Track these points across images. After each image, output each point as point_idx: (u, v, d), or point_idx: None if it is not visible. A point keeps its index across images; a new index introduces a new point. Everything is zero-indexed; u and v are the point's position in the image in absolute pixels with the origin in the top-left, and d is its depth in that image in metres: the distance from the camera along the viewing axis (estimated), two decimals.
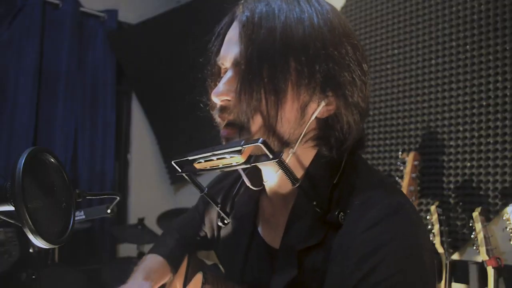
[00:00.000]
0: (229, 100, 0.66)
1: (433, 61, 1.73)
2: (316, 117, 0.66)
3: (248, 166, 0.61)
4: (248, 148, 0.59)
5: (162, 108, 3.19)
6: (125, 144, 3.31)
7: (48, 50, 2.78)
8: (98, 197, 0.73)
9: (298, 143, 0.66)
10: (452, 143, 1.65)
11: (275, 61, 0.62)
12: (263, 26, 0.63)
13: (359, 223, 0.61)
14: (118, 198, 0.79)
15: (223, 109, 0.67)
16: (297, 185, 0.61)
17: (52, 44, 2.79)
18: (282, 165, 0.59)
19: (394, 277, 0.56)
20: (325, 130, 0.68)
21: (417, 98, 1.78)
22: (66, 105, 2.84)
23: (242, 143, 0.58)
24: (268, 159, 0.58)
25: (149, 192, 3.24)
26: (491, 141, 1.54)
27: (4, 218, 0.52)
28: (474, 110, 1.60)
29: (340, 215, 0.63)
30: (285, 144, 0.66)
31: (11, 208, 0.49)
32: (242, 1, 0.69)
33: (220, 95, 0.66)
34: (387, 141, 1.88)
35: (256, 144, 0.56)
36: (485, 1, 1.59)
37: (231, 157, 0.60)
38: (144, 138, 3.33)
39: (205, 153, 0.62)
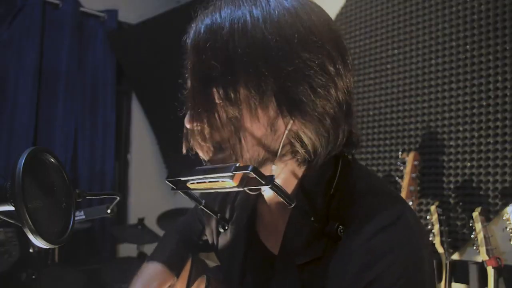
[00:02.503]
0: (202, 126, 0.64)
1: (433, 61, 1.73)
2: (291, 130, 0.62)
3: (241, 189, 0.59)
4: (239, 174, 0.58)
5: (162, 108, 3.18)
6: (125, 144, 3.31)
7: (48, 50, 2.78)
8: (98, 197, 0.73)
9: (278, 156, 0.64)
10: (452, 143, 1.65)
11: (222, 86, 0.59)
12: (205, 48, 0.60)
13: (358, 235, 0.60)
14: (118, 198, 0.79)
15: (199, 133, 0.66)
16: (293, 205, 0.60)
17: (52, 44, 2.79)
18: (276, 188, 0.58)
19: (395, 287, 0.56)
20: (293, 146, 0.64)
21: (417, 98, 1.78)
22: (66, 105, 2.84)
23: (233, 169, 0.56)
24: (261, 184, 0.57)
25: (149, 192, 3.24)
26: (491, 141, 1.54)
27: (4, 218, 0.52)
28: (474, 110, 1.60)
29: (339, 229, 0.61)
30: (265, 160, 0.64)
31: (11, 208, 0.49)
32: (191, 24, 0.66)
33: (188, 122, 0.65)
34: (387, 141, 1.88)
35: (247, 172, 0.55)
36: (485, 1, 1.59)
37: (223, 181, 0.59)
38: (144, 138, 3.33)
39: (197, 175, 0.61)
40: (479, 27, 1.60)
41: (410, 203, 1.61)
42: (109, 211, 0.83)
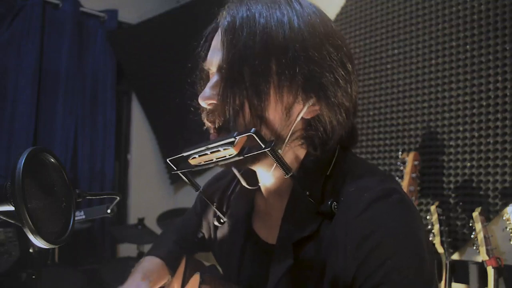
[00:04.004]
0: (216, 104, 0.68)
1: (433, 61, 1.73)
2: (302, 117, 0.68)
3: (241, 157, 0.62)
4: (241, 140, 0.61)
5: (162, 108, 3.19)
6: (125, 144, 3.31)
7: (48, 50, 2.78)
8: (98, 197, 0.73)
9: (286, 142, 0.68)
10: (452, 143, 1.65)
11: (256, 65, 0.64)
12: (243, 31, 0.65)
13: (351, 210, 0.63)
14: (118, 198, 0.79)
15: (210, 112, 0.69)
16: (290, 174, 0.62)
17: (52, 44, 2.79)
18: (274, 154, 0.60)
19: (392, 259, 0.57)
20: (309, 130, 0.69)
21: (417, 98, 1.78)
22: (66, 105, 2.84)
23: (235, 134, 0.60)
24: (261, 148, 0.59)
25: (149, 192, 3.24)
26: (491, 141, 1.54)
27: (4, 218, 0.52)
28: (474, 110, 1.60)
29: (333, 205, 0.64)
30: (276, 142, 0.67)
31: (11, 208, 0.49)
32: (225, 7, 0.71)
33: (206, 99, 0.68)
34: (387, 141, 1.88)
35: (249, 134, 0.58)
36: (485, 1, 1.59)
37: (224, 149, 0.61)
38: (144, 138, 3.33)
39: (199, 147, 0.64)
40: (479, 27, 1.60)
41: None
42: (109, 211, 0.83)
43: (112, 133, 3.07)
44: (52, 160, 0.56)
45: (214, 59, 0.69)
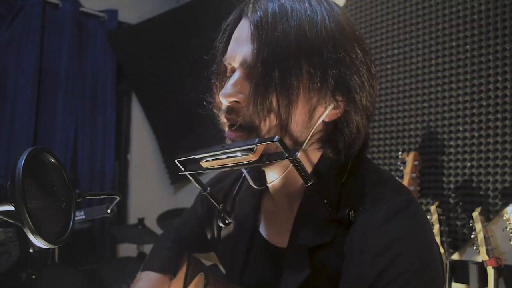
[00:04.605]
0: (237, 102, 0.64)
1: (433, 61, 1.73)
2: (323, 120, 0.66)
3: (261, 164, 0.59)
4: (261, 147, 0.58)
5: (162, 108, 3.19)
6: (125, 144, 3.31)
7: (48, 50, 2.78)
8: (98, 197, 0.73)
9: (305, 145, 0.66)
10: (452, 143, 1.65)
11: (288, 64, 0.61)
12: (277, 27, 0.62)
13: (371, 220, 0.62)
14: (118, 198, 0.79)
15: (230, 110, 0.65)
16: (310, 184, 0.60)
17: (52, 44, 2.79)
18: (297, 163, 0.58)
19: (411, 271, 0.58)
20: (333, 133, 0.68)
21: (417, 98, 1.78)
22: (66, 105, 2.84)
23: (257, 141, 0.57)
24: (283, 157, 0.57)
25: (149, 192, 3.24)
26: (491, 141, 1.54)
27: (4, 218, 0.52)
28: (474, 110, 1.60)
29: (350, 213, 0.63)
30: (294, 146, 0.66)
31: (11, 208, 0.49)
32: None
33: (229, 96, 0.64)
34: (387, 141, 1.88)
35: (272, 142, 0.55)
36: (485, 1, 1.59)
37: (242, 155, 0.58)
38: (144, 138, 3.33)
39: (214, 151, 0.60)
40: (479, 27, 1.60)
41: None
42: (109, 211, 0.83)
43: (112, 133, 3.08)
44: (52, 160, 0.56)
45: (237, 54, 0.65)
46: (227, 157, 0.60)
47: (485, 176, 1.55)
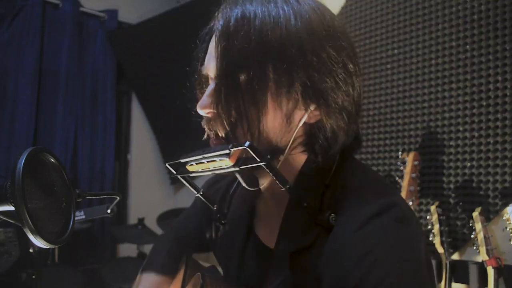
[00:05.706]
0: (214, 113, 0.65)
1: (433, 61, 1.73)
2: (305, 123, 0.65)
3: (237, 169, 0.60)
4: (236, 151, 0.59)
5: (162, 108, 3.19)
6: (125, 144, 3.31)
7: (48, 50, 2.78)
8: (98, 197, 0.73)
9: (288, 149, 0.65)
10: (452, 143, 1.65)
11: (252, 72, 0.61)
12: (238, 35, 0.61)
13: (350, 224, 0.61)
14: (118, 198, 0.78)
15: (209, 121, 0.66)
16: (286, 187, 0.60)
17: (52, 44, 2.79)
18: (270, 168, 0.58)
19: (391, 275, 0.56)
20: (309, 137, 0.66)
21: (417, 98, 1.78)
22: (66, 105, 2.84)
23: (230, 146, 0.58)
24: (256, 162, 0.58)
25: (149, 192, 3.24)
26: (491, 141, 1.54)
27: (4, 218, 0.52)
28: (474, 110, 1.60)
29: (331, 217, 0.62)
30: (275, 151, 0.65)
31: (11, 208, 0.49)
32: (220, 8, 0.66)
33: (204, 107, 0.65)
34: (387, 141, 1.88)
35: (243, 147, 0.56)
36: (485, 1, 1.59)
37: (220, 160, 0.60)
38: (144, 138, 3.33)
39: (196, 156, 0.62)
40: (479, 27, 1.60)
41: (410, 203, 1.61)
42: (109, 211, 0.83)
43: (112, 133, 3.08)
44: (52, 160, 0.56)
45: (210, 65, 0.66)
46: (208, 162, 0.62)
47: (485, 176, 1.55)
